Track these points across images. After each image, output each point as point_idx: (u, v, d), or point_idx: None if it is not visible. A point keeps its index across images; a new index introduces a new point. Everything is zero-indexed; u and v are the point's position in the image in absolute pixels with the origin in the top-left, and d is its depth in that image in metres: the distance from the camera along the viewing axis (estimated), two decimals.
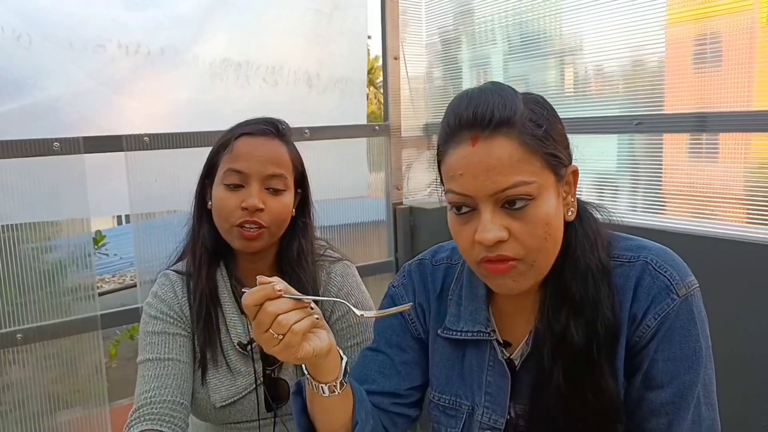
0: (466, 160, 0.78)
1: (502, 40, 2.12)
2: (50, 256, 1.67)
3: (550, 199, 0.80)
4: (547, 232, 0.80)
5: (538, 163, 0.79)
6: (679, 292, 0.83)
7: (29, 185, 1.60)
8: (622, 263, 0.86)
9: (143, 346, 1.13)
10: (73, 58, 1.66)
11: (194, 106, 1.86)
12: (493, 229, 0.78)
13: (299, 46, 2.03)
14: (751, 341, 1.38)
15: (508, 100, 0.79)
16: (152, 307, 1.16)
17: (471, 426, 0.93)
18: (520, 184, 0.77)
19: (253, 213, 1.09)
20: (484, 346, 0.92)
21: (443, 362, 0.97)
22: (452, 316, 0.94)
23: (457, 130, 0.80)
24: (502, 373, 0.91)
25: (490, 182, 0.77)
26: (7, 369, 1.59)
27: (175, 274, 1.20)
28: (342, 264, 1.24)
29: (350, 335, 1.20)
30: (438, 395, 0.98)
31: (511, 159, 0.77)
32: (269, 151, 1.13)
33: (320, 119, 2.04)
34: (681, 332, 0.83)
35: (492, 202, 0.78)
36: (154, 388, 1.07)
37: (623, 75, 1.75)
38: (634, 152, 1.78)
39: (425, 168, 2.38)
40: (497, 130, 0.78)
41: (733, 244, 1.46)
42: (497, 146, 0.77)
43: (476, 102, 0.79)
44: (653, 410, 0.84)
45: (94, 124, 1.70)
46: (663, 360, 0.83)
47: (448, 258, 1.01)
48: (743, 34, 1.50)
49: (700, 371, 0.83)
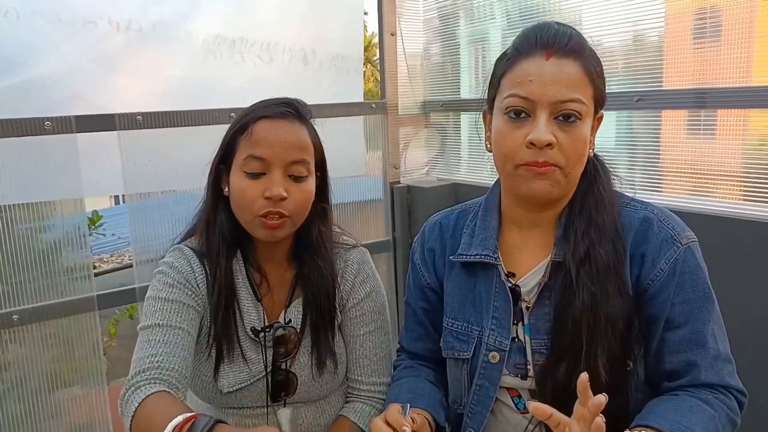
0: (539, 69, 0.91)
1: (501, 16, 2.09)
2: (45, 236, 1.66)
3: (588, 125, 0.95)
4: (584, 151, 0.94)
5: (590, 93, 0.93)
6: (682, 241, 0.95)
7: (21, 165, 1.58)
8: (627, 208, 0.99)
9: (152, 311, 1.07)
10: (63, 34, 1.63)
11: (188, 84, 1.83)
12: (547, 133, 0.90)
13: (294, 22, 1.99)
14: (748, 319, 1.38)
15: (581, 35, 0.95)
16: (167, 275, 1.11)
17: (480, 349, 1.03)
18: (578, 101, 0.91)
19: (276, 203, 1.05)
20: (492, 274, 1.03)
21: (456, 290, 1.08)
22: (465, 244, 1.07)
23: (533, 46, 0.93)
24: (506, 297, 1.01)
25: (556, 91, 0.90)
26: (4, 349, 1.59)
27: (189, 250, 1.15)
28: (358, 250, 1.22)
29: (363, 323, 1.19)
30: (451, 321, 1.08)
31: (576, 79, 0.91)
32: (291, 136, 1.07)
33: (316, 97, 2.00)
34: (691, 277, 0.95)
35: (549, 111, 0.91)
36: (162, 354, 1.00)
37: (623, 50, 1.72)
38: (633, 129, 1.77)
39: (422, 146, 2.37)
40: (570, 53, 0.92)
41: (730, 222, 1.46)
42: (568, 65, 0.91)
43: (555, 28, 0.94)
44: (672, 349, 0.95)
45: (86, 102, 1.67)
46: (679, 303, 0.94)
47: (460, 208, 1.15)
48: (743, 8, 1.48)
49: (712, 310, 0.95)
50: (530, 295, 1.01)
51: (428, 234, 1.15)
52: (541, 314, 0.99)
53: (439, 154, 2.36)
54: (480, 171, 2.21)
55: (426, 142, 2.37)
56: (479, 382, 1.03)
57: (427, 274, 1.13)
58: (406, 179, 2.31)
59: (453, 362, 1.09)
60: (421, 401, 1.06)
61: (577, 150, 0.93)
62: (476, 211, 1.10)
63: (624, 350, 0.95)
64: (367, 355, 1.19)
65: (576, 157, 0.93)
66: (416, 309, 1.16)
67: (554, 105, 0.91)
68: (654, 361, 0.97)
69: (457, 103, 2.26)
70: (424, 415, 1.03)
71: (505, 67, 0.96)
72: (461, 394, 1.08)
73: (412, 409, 1.01)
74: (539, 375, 0.98)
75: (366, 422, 1.15)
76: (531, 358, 1.00)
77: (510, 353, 1.01)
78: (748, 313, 1.39)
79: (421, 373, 1.15)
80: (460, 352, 1.06)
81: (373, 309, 1.20)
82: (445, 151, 2.34)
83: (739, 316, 1.37)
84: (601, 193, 0.98)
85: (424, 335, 1.17)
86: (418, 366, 1.17)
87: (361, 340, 1.19)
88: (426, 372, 1.16)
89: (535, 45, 0.92)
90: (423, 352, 1.18)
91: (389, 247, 2.26)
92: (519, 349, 1.01)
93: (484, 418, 1.04)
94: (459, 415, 1.09)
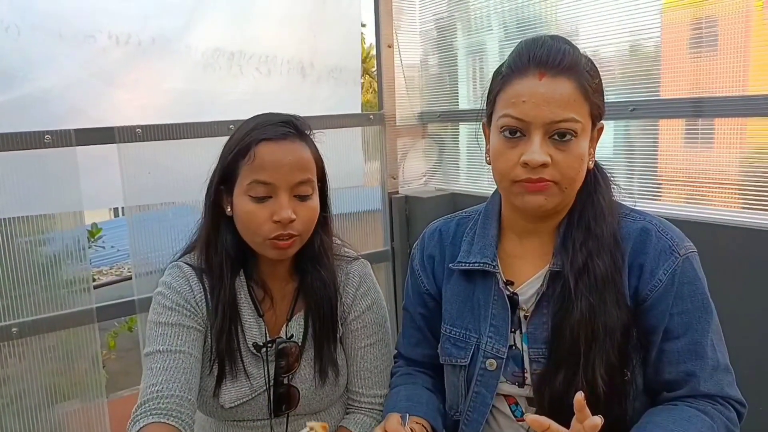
0: (531, 90, 0.91)
1: (498, 27, 2.10)
2: (45, 249, 1.66)
3: (585, 141, 0.94)
4: (580, 167, 0.94)
5: (586, 109, 0.93)
6: (680, 252, 0.95)
7: (21, 178, 1.58)
8: (626, 218, 1.00)
9: (153, 337, 1.07)
10: (63, 48, 1.64)
11: (187, 97, 1.84)
12: (542, 153, 0.90)
13: (292, 34, 2.01)
14: (745, 326, 1.38)
15: (575, 50, 0.94)
16: (166, 297, 1.10)
17: (477, 356, 1.04)
18: (572, 120, 0.91)
19: (285, 225, 1.05)
20: (491, 282, 1.04)
21: (455, 298, 1.09)
22: (464, 252, 1.08)
23: (526, 65, 0.92)
24: (504, 305, 1.02)
25: (549, 112, 0.90)
26: (3, 363, 1.59)
27: (188, 267, 1.14)
28: (359, 263, 1.22)
29: (365, 335, 1.19)
30: (450, 328, 1.09)
31: (570, 98, 0.91)
32: (294, 157, 1.07)
33: (314, 109, 2.03)
34: (689, 287, 0.95)
35: (543, 131, 0.91)
36: (162, 382, 1.01)
37: (619, 60, 1.74)
38: (630, 138, 1.78)
39: (420, 156, 2.37)
40: (563, 72, 0.91)
41: (728, 230, 1.46)
42: (561, 84, 0.91)
43: (549, 45, 0.93)
44: (671, 360, 0.95)
45: (86, 116, 1.68)
46: (677, 314, 0.94)
47: (460, 215, 1.15)
48: (739, 18, 1.49)
49: (710, 320, 0.95)
50: (528, 303, 1.01)
51: (428, 240, 1.15)
52: (539, 323, 0.99)
53: (437, 165, 2.36)
54: (478, 181, 2.22)
55: (424, 153, 2.38)
56: (476, 389, 1.04)
57: (426, 280, 1.14)
58: (404, 189, 2.31)
59: (450, 369, 1.09)
60: (419, 409, 1.06)
61: (573, 167, 0.93)
62: (476, 219, 1.11)
63: (622, 360, 0.95)
64: (368, 368, 1.19)
65: (572, 173, 0.93)
66: (414, 315, 1.17)
67: (548, 125, 0.91)
68: (653, 372, 0.97)
69: (454, 114, 2.27)
70: (422, 423, 1.03)
71: (499, 85, 0.96)
72: (458, 400, 1.08)
73: (411, 417, 1.01)
74: (537, 384, 0.98)
75: None
76: (528, 366, 1.00)
77: (507, 361, 1.01)
78: (745, 320, 1.39)
79: (419, 380, 1.15)
80: (457, 359, 1.07)
81: (375, 321, 1.20)
82: (443, 162, 2.35)
83: (737, 324, 1.36)
84: (600, 203, 0.98)
85: (422, 341, 1.17)
86: (416, 372, 1.17)
87: (362, 352, 1.18)
88: (423, 379, 1.16)
89: (528, 63, 0.92)
90: (420, 358, 1.18)
91: (388, 257, 2.27)
92: (516, 357, 1.01)
93: (480, 426, 1.04)
94: (456, 421, 1.09)
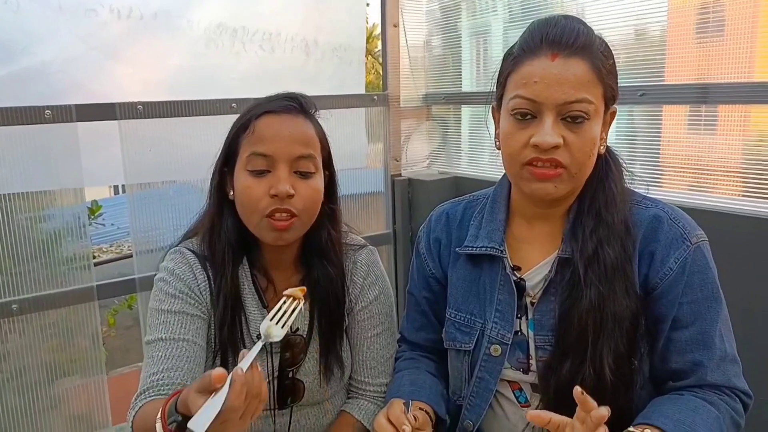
0: (544, 71, 0.89)
1: (503, 8, 2.08)
2: (45, 226, 1.65)
3: (598, 125, 0.92)
4: (591, 151, 0.92)
5: (599, 91, 0.91)
6: (692, 240, 0.94)
7: (21, 154, 1.57)
8: (638, 205, 0.98)
9: (155, 324, 1.04)
10: (63, 22, 1.61)
11: (189, 73, 1.82)
12: (553, 135, 0.89)
13: (296, 12, 1.98)
14: (748, 315, 1.39)
15: (589, 30, 0.92)
16: (169, 284, 1.06)
17: (482, 342, 1.03)
18: (585, 101, 0.89)
19: (283, 200, 1.00)
20: (497, 267, 1.03)
21: (461, 282, 1.08)
22: (472, 236, 1.06)
23: (538, 46, 0.90)
24: (510, 291, 1.01)
25: (562, 93, 0.88)
26: (3, 339, 1.59)
27: (191, 254, 1.10)
28: (367, 250, 1.19)
29: (372, 326, 1.17)
30: (454, 312, 1.08)
31: (583, 79, 0.89)
32: (296, 130, 1.02)
33: (318, 88, 2.00)
34: (700, 276, 0.94)
35: (555, 112, 0.89)
36: (164, 370, 0.98)
37: (625, 45, 1.72)
38: (633, 124, 1.77)
39: (424, 139, 2.36)
40: (577, 52, 0.89)
41: (730, 217, 1.46)
42: (574, 65, 0.89)
43: (562, 25, 0.90)
44: (678, 349, 0.94)
45: (87, 90, 1.66)
46: (687, 303, 0.93)
47: (468, 199, 1.14)
48: (746, 4, 1.48)
49: (720, 310, 0.95)
50: (535, 290, 1.00)
51: (434, 223, 1.14)
52: (546, 310, 0.99)
53: (440, 147, 2.35)
54: (481, 164, 2.21)
55: (427, 135, 2.37)
56: (480, 375, 1.03)
57: (431, 263, 1.13)
58: (407, 172, 2.30)
59: (454, 353, 1.09)
60: (423, 394, 1.05)
61: (585, 150, 0.91)
62: (484, 203, 1.09)
63: (630, 349, 0.94)
64: (374, 357, 1.18)
65: (583, 157, 0.91)
66: (419, 298, 1.16)
67: (560, 107, 0.89)
68: (660, 360, 0.96)
69: (458, 96, 2.25)
70: (425, 408, 1.02)
71: (511, 67, 0.94)
72: (461, 385, 1.08)
73: (413, 402, 1.00)
74: (542, 371, 0.98)
75: (370, 420, 1.13)
76: (534, 353, 1.00)
77: (512, 347, 1.01)
78: (748, 309, 1.39)
79: (422, 365, 1.15)
80: (461, 344, 1.06)
81: (382, 311, 1.18)
82: (446, 144, 2.33)
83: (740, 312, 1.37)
84: (612, 189, 0.96)
85: (426, 325, 1.16)
86: (419, 357, 1.17)
87: (369, 342, 1.17)
88: (427, 363, 1.16)
89: (540, 44, 0.90)
90: (424, 342, 1.17)
91: (390, 240, 2.26)
92: (522, 344, 1.01)
93: (483, 411, 1.04)
94: (459, 406, 1.09)
